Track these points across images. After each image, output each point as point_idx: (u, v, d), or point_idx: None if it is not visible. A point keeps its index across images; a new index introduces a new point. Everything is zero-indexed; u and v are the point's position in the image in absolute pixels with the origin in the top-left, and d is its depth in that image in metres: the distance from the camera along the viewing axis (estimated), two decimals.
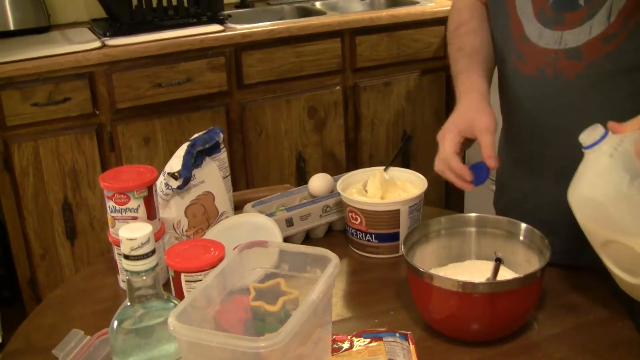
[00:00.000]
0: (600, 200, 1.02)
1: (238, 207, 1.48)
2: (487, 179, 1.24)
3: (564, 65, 1.21)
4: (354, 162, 3.08)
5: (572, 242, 1.18)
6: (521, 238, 1.19)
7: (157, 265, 0.88)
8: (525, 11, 1.25)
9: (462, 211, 3.12)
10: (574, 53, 1.19)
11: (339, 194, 1.39)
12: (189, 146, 1.33)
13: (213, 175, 1.38)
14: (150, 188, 1.24)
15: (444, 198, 3.31)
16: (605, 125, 1.05)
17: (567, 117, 1.24)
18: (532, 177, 1.35)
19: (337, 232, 1.46)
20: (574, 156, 1.08)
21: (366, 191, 1.40)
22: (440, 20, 3.03)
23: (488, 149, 1.20)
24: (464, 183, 1.23)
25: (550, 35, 1.21)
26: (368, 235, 1.35)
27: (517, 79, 1.30)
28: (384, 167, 1.44)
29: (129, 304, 0.90)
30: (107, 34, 2.72)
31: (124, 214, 1.23)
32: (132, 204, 1.22)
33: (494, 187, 1.51)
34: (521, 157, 1.37)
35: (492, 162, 1.20)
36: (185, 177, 1.31)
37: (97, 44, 2.64)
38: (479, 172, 1.23)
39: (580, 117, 1.12)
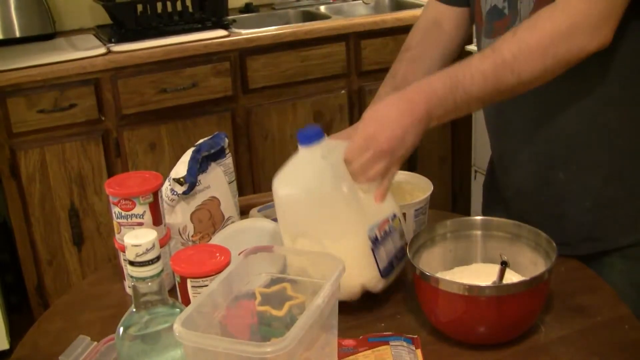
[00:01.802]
0: (304, 196, 1.11)
1: (244, 212, 1.48)
2: None
3: None
4: None
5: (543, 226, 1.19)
6: (527, 240, 1.19)
7: (162, 271, 0.88)
8: (477, 26, 1.36)
9: (468, 214, 3.11)
10: None
11: None
12: (194, 152, 1.33)
13: (218, 181, 1.38)
14: (156, 194, 1.24)
15: (450, 201, 3.30)
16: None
17: (511, 109, 1.31)
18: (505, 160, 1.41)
19: None
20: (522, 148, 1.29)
21: None
22: None
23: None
24: None
25: (487, 43, 1.29)
26: None
27: None
28: None
29: (134, 310, 0.90)
30: (112, 40, 2.73)
31: (129, 219, 1.23)
32: (138, 209, 1.23)
33: None
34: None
35: None
36: (190, 182, 1.31)
37: (103, 50, 2.65)
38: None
39: (518, 108, 1.27)
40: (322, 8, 3.28)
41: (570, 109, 1.23)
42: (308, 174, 1.13)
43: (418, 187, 1.40)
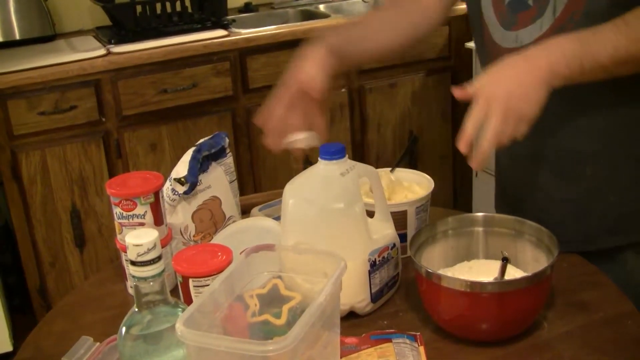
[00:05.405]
0: (314, 209, 1.12)
1: (245, 212, 1.48)
2: None
3: None
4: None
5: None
6: (529, 236, 1.19)
7: (164, 270, 0.88)
8: (489, 17, 1.32)
9: (470, 211, 3.11)
10: None
11: None
12: (194, 151, 1.34)
13: (219, 180, 1.38)
14: (157, 194, 1.24)
15: (452, 198, 3.30)
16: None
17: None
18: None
19: None
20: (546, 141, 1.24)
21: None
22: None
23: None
24: None
25: (509, 35, 1.27)
26: None
27: None
28: (390, 169, 1.44)
29: (136, 310, 0.90)
30: (112, 41, 2.73)
31: (130, 220, 1.23)
32: (139, 210, 1.23)
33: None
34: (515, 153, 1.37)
35: None
36: (191, 182, 1.31)
37: (102, 51, 2.65)
38: None
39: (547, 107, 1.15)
40: (322, 7, 3.28)
41: (601, 105, 1.22)
42: (323, 189, 1.14)
43: (419, 185, 1.40)
